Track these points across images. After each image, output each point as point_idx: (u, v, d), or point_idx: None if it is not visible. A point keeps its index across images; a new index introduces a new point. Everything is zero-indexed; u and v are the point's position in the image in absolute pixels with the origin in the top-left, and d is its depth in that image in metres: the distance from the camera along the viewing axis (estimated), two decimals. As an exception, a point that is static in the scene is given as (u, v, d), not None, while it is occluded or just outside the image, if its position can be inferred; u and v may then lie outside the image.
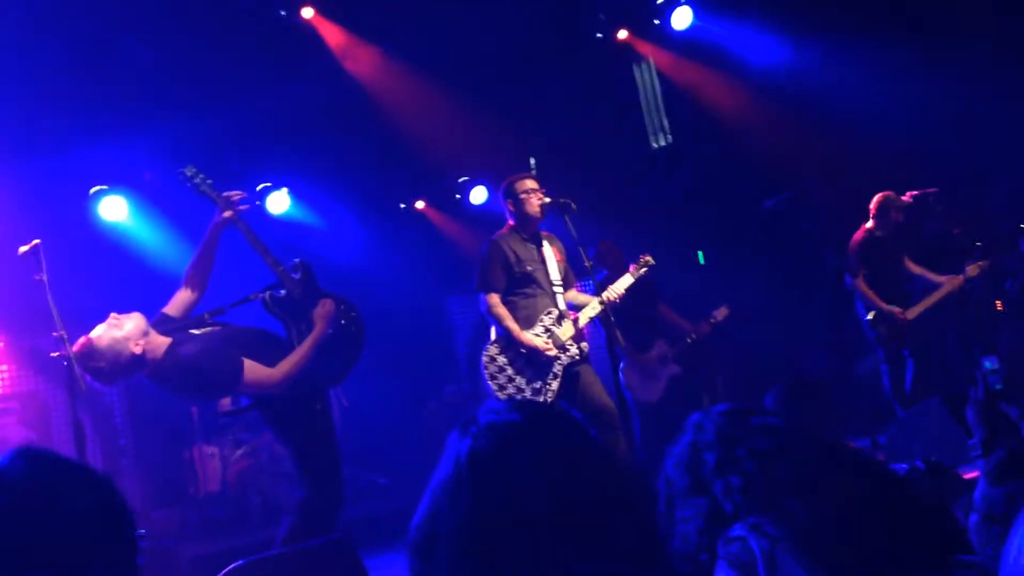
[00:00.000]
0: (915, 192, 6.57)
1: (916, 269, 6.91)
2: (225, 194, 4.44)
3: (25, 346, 7.62)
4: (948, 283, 6.69)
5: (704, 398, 7.23)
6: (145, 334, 4.03)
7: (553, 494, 1.03)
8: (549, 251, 5.46)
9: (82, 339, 3.97)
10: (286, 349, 4.28)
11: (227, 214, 4.39)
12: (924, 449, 5.64)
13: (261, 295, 4.43)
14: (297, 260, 4.56)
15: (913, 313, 6.71)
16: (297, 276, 4.49)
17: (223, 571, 3.85)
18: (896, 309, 6.68)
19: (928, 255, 6.84)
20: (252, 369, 4.08)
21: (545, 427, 1.10)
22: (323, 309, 4.32)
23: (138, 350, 3.97)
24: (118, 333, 3.97)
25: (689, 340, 7.19)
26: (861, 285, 6.76)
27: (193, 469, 7.85)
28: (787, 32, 8.46)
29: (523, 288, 5.33)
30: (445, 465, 1.11)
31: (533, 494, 1.02)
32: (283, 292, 4.44)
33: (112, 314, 4.08)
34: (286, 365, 4.16)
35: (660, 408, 7.03)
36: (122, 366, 3.99)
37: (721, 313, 7.32)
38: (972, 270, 6.63)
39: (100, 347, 3.94)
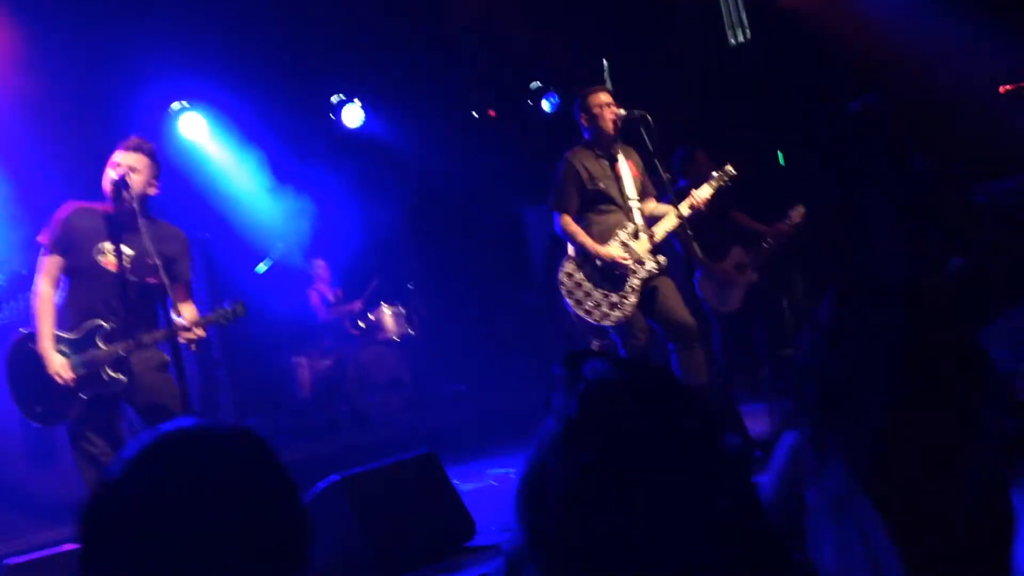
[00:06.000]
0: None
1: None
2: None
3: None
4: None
5: (784, 304, 7.10)
6: None
7: (656, 453, 1.07)
8: (625, 165, 5.35)
9: None
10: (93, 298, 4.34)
11: None
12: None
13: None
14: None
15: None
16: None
17: (320, 484, 4.04)
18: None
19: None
20: (50, 261, 4.28)
21: (650, 387, 1.13)
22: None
23: None
24: None
25: (765, 245, 6.96)
26: None
27: (283, 378, 8.15)
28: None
29: (597, 205, 5.26)
30: (552, 420, 1.14)
31: (639, 454, 1.06)
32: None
33: None
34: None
35: (739, 317, 6.92)
36: None
37: (797, 214, 7.02)
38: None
39: None
